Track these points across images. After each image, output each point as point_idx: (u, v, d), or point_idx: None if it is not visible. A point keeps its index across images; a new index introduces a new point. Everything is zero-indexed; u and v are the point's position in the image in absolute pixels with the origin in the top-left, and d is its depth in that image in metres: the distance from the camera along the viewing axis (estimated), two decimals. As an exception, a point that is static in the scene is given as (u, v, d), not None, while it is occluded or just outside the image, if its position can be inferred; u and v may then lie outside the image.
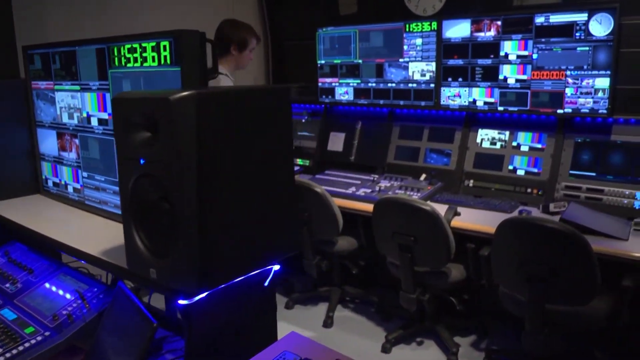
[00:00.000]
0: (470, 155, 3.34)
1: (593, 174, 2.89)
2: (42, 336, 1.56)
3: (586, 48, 2.85)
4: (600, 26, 2.79)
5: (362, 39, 3.72)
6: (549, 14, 2.94)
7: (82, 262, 1.69)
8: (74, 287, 1.74)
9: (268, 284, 1.51)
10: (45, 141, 2.26)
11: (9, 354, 1.50)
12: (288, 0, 4.37)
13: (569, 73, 2.93)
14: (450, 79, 3.38)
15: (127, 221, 1.37)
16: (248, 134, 1.32)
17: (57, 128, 2.15)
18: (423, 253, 2.77)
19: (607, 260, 2.29)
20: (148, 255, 1.33)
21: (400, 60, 3.57)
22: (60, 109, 2.10)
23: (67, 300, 1.70)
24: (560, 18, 2.91)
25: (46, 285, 1.83)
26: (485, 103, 3.27)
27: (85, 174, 2.05)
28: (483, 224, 2.69)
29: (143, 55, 1.63)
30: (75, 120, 2.03)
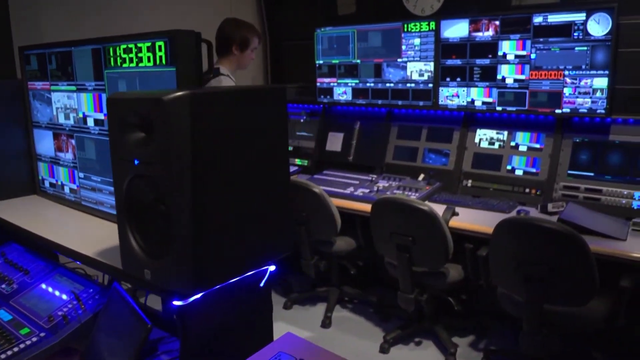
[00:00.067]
0: (468, 155, 3.33)
1: (591, 174, 2.89)
2: (38, 337, 1.56)
3: (584, 48, 2.85)
4: (598, 26, 2.78)
5: (361, 39, 3.71)
6: (547, 13, 2.93)
7: (78, 263, 1.69)
8: (69, 288, 1.74)
9: (264, 284, 1.51)
10: (42, 142, 2.25)
11: (4, 355, 1.50)
12: (287, 0, 4.36)
13: (567, 73, 2.93)
14: (448, 78, 3.38)
15: (122, 222, 1.37)
16: (243, 135, 1.32)
17: (54, 128, 2.15)
18: (421, 253, 2.76)
19: (605, 260, 2.29)
20: (143, 256, 1.33)
21: (399, 60, 3.57)
22: (56, 109, 2.10)
23: (63, 301, 1.70)
24: (559, 18, 2.90)
25: (42, 286, 1.83)
26: (483, 103, 3.27)
27: (81, 175, 2.05)
28: (481, 224, 2.68)
29: (139, 55, 1.63)
30: (71, 121, 2.03)
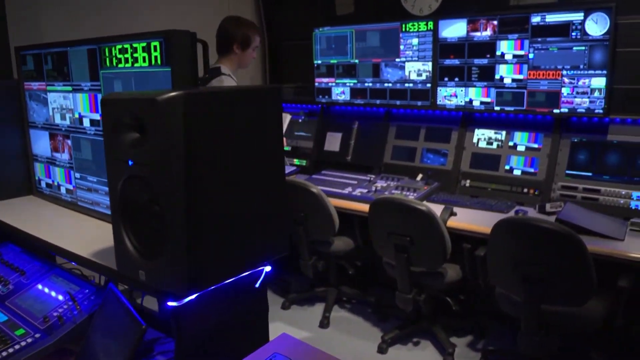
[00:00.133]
0: (466, 155, 3.33)
1: (589, 174, 2.88)
2: (33, 338, 1.56)
3: (582, 48, 2.84)
4: (596, 26, 2.78)
5: (359, 39, 3.71)
6: (545, 13, 2.93)
7: (74, 264, 1.68)
8: (65, 289, 1.74)
9: (259, 285, 1.51)
10: (38, 142, 2.25)
11: (-1, 356, 1.50)
12: (285, 0, 4.36)
13: (565, 73, 2.92)
14: (446, 78, 3.37)
15: (117, 223, 1.37)
16: (237, 135, 1.32)
17: (50, 129, 2.15)
18: (419, 253, 2.76)
19: (603, 260, 2.28)
20: (137, 257, 1.32)
21: (397, 60, 3.56)
22: (52, 109, 2.09)
23: (58, 301, 1.69)
24: (557, 18, 2.90)
25: (38, 286, 1.83)
26: (481, 103, 3.26)
27: (77, 175, 2.05)
28: (479, 224, 2.68)
29: (134, 55, 1.63)
30: (67, 121, 2.03)
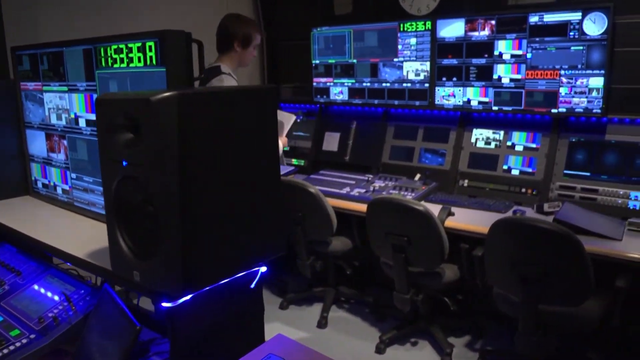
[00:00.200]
0: (464, 155, 3.32)
1: (587, 173, 2.88)
2: (28, 339, 1.55)
3: (580, 47, 2.84)
4: (594, 25, 2.77)
5: (357, 39, 3.70)
6: (543, 13, 2.93)
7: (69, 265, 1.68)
8: (60, 289, 1.73)
9: (254, 285, 1.50)
10: (35, 142, 2.24)
11: (-6, 356, 1.49)
12: (283, 0, 4.35)
13: (563, 72, 2.92)
14: (444, 78, 3.37)
15: (111, 223, 1.36)
16: (232, 135, 1.31)
17: (46, 129, 2.14)
18: (417, 253, 2.75)
19: (601, 260, 2.28)
20: (132, 258, 1.32)
21: (395, 60, 3.56)
22: (48, 110, 2.09)
23: (54, 302, 1.69)
24: (554, 17, 2.89)
25: (34, 287, 1.83)
26: (479, 103, 3.26)
27: (73, 175, 2.04)
28: (477, 224, 2.68)
29: (129, 55, 1.62)
30: (63, 122, 2.02)
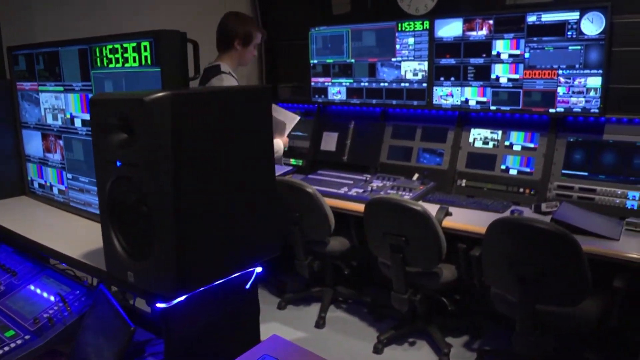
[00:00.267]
0: (462, 154, 3.32)
1: (585, 173, 2.88)
2: (22, 340, 1.55)
3: (578, 47, 2.84)
4: (592, 25, 2.77)
5: (355, 39, 3.70)
6: (541, 12, 2.92)
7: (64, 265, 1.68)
8: (56, 290, 1.73)
9: (250, 286, 1.50)
10: (31, 142, 2.24)
11: (-11, 357, 1.49)
12: (281, 0, 4.34)
13: (561, 72, 2.91)
14: (442, 78, 3.37)
15: (106, 224, 1.36)
16: (226, 135, 1.31)
17: (42, 129, 2.14)
18: (414, 253, 2.75)
19: (599, 260, 2.28)
20: (126, 258, 1.32)
21: (393, 59, 3.55)
22: (44, 110, 2.09)
23: (49, 303, 1.69)
24: (552, 17, 2.89)
25: (30, 287, 1.82)
26: (477, 102, 3.26)
27: (69, 176, 2.04)
28: (475, 224, 2.67)
29: (124, 55, 1.62)
30: (59, 122, 2.02)
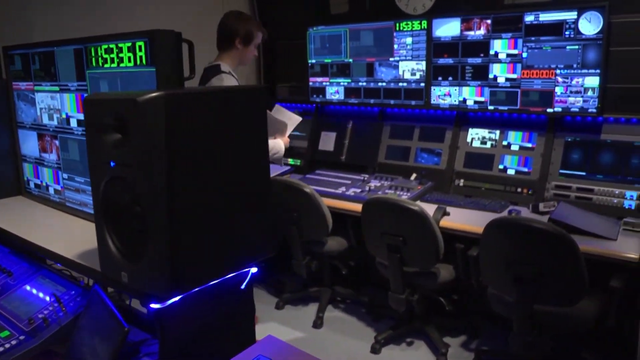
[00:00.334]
0: (460, 154, 3.32)
1: (583, 173, 2.87)
2: (17, 340, 1.55)
3: (576, 47, 2.83)
4: (589, 25, 2.77)
5: (353, 38, 3.70)
6: (539, 12, 2.92)
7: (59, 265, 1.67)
8: (52, 290, 1.72)
9: (245, 287, 1.50)
10: (27, 142, 2.24)
11: (-17, 358, 1.49)
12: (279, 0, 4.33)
13: (559, 72, 2.91)
14: (440, 78, 3.36)
15: (100, 224, 1.36)
16: (221, 136, 1.30)
17: (38, 129, 2.13)
18: (412, 253, 2.75)
19: (596, 260, 2.28)
20: (120, 259, 1.31)
21: (391, 59, 3.55)
22: (40, 109, 2.08)
23: (44, 303, 1.68)
24: (550, 16, 2.88)
25: (26, 287, 1.82)
26: (475, 102, 3.25)
27: (65, 176, 2.04)
28: (473, 224, 2.67)
29: (119, 55, 1.62)
30: (55, 122, 2.02)
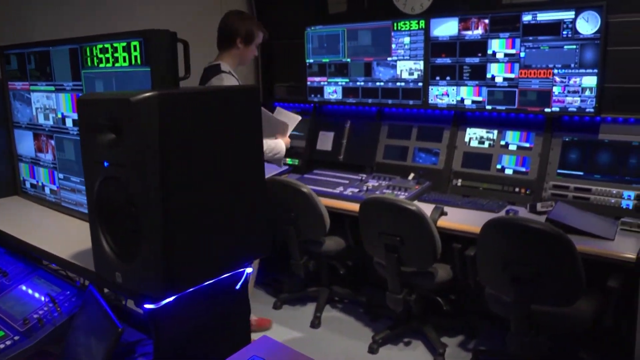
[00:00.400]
0: (458, 154, 3.31)
1: (581, 173, 2.87)
2: (12, 340, 1.54)
3: (573, 46, 2.83)
4: (587, 24, 2.76)
5: (351, 38, 3.69)
6: (536, 12, 2.91)
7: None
8: (47, 290, 1.72)
9: (240, 287, 1.49)
10: (23, 142, 2.23)
11: (-22, 358, 1.48)
12: (277, -1, 4.33)
13: (557, 71, 2.91)
14: (438, 77, 3.36)
15: (94, 224, 1.35)
16: (215, 135, 1.30)
17: (34, 129, 2.13)
18: (409, 253, 2.74)
19: (594, 260, 2.27)
20: (114, 259, 1.31)
21: (389, 59, 3.55)
22: (36, 109, 2.08)
23: (39, 303, 1.68)
24: (548, 16, 2.88)
25: (22, 287, 1.82)
26: (473, 102, 3.25)
27: (61, 176, 2.03)
28: (470, 224, 2.66)
29: (115, 55, 1.61)
30: (50, 121, 2.01)
